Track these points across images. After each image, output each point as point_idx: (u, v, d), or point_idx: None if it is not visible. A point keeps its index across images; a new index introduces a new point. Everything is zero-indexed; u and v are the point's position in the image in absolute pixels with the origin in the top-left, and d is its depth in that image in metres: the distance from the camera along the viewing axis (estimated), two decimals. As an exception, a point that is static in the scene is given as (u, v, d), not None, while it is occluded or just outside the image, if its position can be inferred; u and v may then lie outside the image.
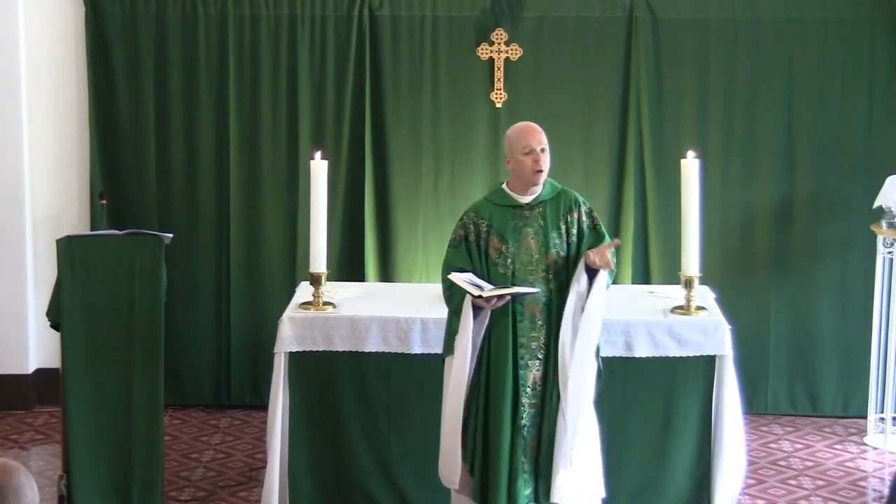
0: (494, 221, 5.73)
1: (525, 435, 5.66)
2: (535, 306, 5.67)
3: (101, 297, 6.27)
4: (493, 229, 5.72)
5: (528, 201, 5.75)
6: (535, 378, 5.68)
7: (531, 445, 5.67)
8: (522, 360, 5.67)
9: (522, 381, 5.66)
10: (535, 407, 5.68)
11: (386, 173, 7.96)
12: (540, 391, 5.67)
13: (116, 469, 6.32)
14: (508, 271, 5.67)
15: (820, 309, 7.94)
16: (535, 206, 5.74)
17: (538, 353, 5.67)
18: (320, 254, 6.48)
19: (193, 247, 8.00)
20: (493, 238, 5.71)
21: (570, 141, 7.81)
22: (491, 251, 5.71)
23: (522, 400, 5.65)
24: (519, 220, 5.73)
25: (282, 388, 6.30)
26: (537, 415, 5.67)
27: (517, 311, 5.66)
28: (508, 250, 5.69)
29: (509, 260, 5.69)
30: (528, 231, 5.71)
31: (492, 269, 5.69)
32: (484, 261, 5.71)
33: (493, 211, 5.75)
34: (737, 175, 7.91)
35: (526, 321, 5.67)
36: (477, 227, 5.74)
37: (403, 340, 6.35)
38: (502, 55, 7.85)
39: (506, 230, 5.71)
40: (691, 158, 6.53)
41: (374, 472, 6.43)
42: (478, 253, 5.71)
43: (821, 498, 6.82)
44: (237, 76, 7.92)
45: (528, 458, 5.67)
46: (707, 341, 6.27)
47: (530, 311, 5.67)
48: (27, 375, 8.01)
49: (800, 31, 7.82)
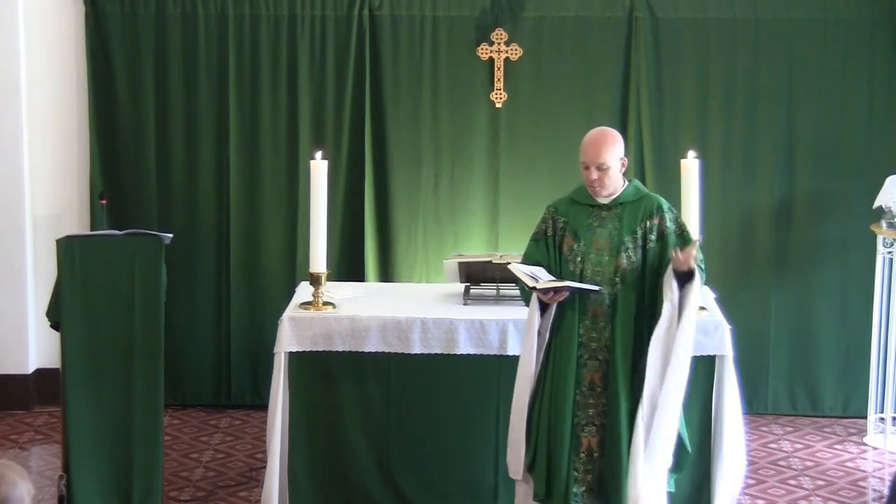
0: (571, 218, 5.73)
1: (578, 434, 5.65)
2: (598, 306, 5.64)
3: (101, 297, 6.27)
4: (569, 226, 5.72)
5: (606, 202, 5.72)
6: (593, 378, 5.65)
7: (585, 446, 5.66)
8: (581, 358, 5.65)
9: (579, 380, 5.65)
10: (592, 407, 5.65)
11: (386, 173, 7.96)
12: (599, 391, 5.65)
13: (116, 469, 6.32)
14: (578, 269, 5.66)
15: (820, 309, 7.94)
16: (612, 207, 5.72)
17: (598, 354, 5.65)
18: (320, 254, 6.48)
19: (193, 247, 8.00)
20: (567, 235, 5.72)
21: (570, 141, 7.79)
22: (564, 248, 5.72)
23: (578, 399, 5.65)
24: (595, 219, 5.72)
25: (282, 388, 6.30)
26: (597, 416, 5.65)
27: (581, 311, 5.65)
28: (580, 248, 5.68)
29: (579, 258, 5.68)
30: (601, 231, 5.69)
31: (563, 265, 5.69)
32: (558, 257, 5.72)
33: (570, 208, 5.76)
34: (737, 175, 7.91)
35: (588, 320, 5.65)
36: (555, 222, 5.76)
37: (403, 340, 6.35)
38: (502, 55, 7.85)
39: (580, 228, 5.70)
40: (691, 158, 6.54)
41: (374, 472, 6.43)
42: (554, 249, 5.73)
43: (821, 498, 6.82)
44: (237, 76, 7.92)
45: (582, 458, 5.65)
46: (707, 341, 6.27)
47: (593, 311, 5.65)
48: (27, 375, 8.01)
49: (800, 31, 7.82)
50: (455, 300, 6.65)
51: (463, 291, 6.70)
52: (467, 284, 6.73)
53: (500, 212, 7.93)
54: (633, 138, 7.84)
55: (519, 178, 7.91)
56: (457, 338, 6.33)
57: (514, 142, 7.92)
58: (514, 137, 7.92)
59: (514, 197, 7.90)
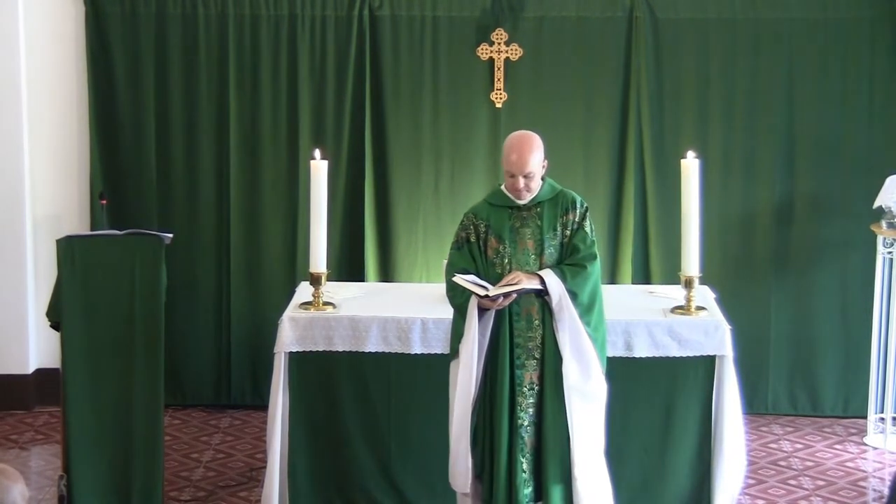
0: (492, 222, 5.74)
1: (523, 435, 5.66)
2: (531, 306, 5.68)
3: (101, 297, 6.27)
4: (491, 229, 5.73)
5: (525, 202, 5.75)
6: (531, 378, 5.69)
7: (529, 445, 5.68)
8: (519, 359, 5.68)
9: (519, 381, 5.67)
10: (533, 406, 5.68)
11: (386, 173, 7.96)
12: (538, 390, 5.68)
13: (116, 469, 6.32)
14: (505, 271, 5.67)
15: (820, 309, 7.94)
16: (532, 206, 5.75)
17: (535, 353, 5.68)
18: (320, 254, 6.48)
19: (193, 247, 8.00)
20: (491, 238, 5.73)
21: (570, 141, 7.82)
22: (489, 251, 5.73)
23: (518, 399, 5.66)
24: (516, 220, 5.74)
25: (282, 388, 6.30)
26: (536, 414, 5.68)
27: (513, 312, 5.67)
28: (505, 250, 5.70)
29: (506, 260, 5.70)
30: (524, 231, 5.73)
31: (490, 269, 5.70)
32: (483, 261, 5.72)
33: (491, 212, 5.76)
34: (737, 175, 7.91)
35: (522, 321, 5.69)
36: (476, 227, 5.75)
37: (403, 340, 6.35)
38: (502, 55, 7.85)
39: (503, 230, 5.72)
40: (691, 158, 6.53)
41: (374, 472, 6.43)
42: (479, 254, 5.73)
43: (821, 498, 6.82)
44: (237, 76, 7.92)
45: (527, 457, 5.67)
46: (707, 341, 6.27)
47: (526, 311, 5.68)
48: (27, 375, 8.00)
49: (800, 31, 7.82)
50: (455, 300, 6.65)
51: (463, 291, 6.70)
52: (467, 284, 6.72)
53: (500, 212, 7.93)
54: (633, 138, 7.84)
55: (519, 178, 7.90)
56: (457, 338, 6.32)
57: (514, 142, 7.91)
58: (514, 138, 7.91)
59: (514, 197, 7.90)
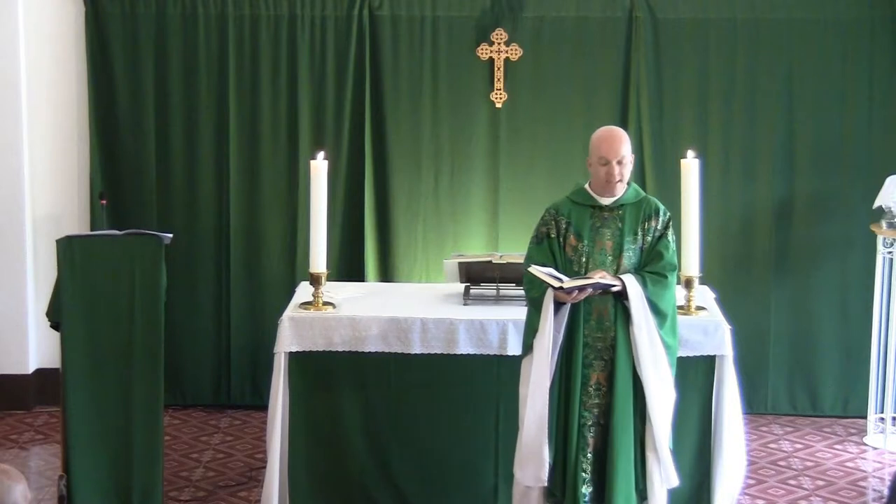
0: (573, 219, 5.76)
1: (586, 434, 5.67)
2: (603, 308, 5.69)
3: (101, 297, 6.28)
4: (572, 226, 5.75)
5: (608, 203, 5.76)
6: (598, 378, 5.69)
7: (592, 446, 5.68)
8: (586, 359, 5.68)
9: (585, 380, 5.67)
10: (598, 407, 5.69)
11: (386, 173, 7.96)
12: (604, 391, 5.68)
13: (116, 469, 6.32)
14: (582, 269, 5.69)
15: (820, 309, 7.94)
16: (615, 208, 5.77)
17: (604, 354, 5.69)
18: (320, 254, 6.48)
19: (193, 247, 8.00)
20: (570, 235, 5.75)
21: (570, 141, 7.82)
22: (567, 248, 5.75)
23: (583, 398, 5.67)
24: (597, 220, 5.76)
25: (282, 388, 6.30)
26: (601, 415, 5.68)
27: (586, 311, 5.68)
28: (583, 248, 5.72)
29: (584, 258, 5.71)
30: (604, 232, 5.74)
31: (567, 266, 5.72)
32: (562, 257, 5.74)
33: (572, 209, 5.78)
34: (737, 175, 7.91)
35: (592, 321, 5.69)
36: (557, 223, 5.77)
37: (403, 340, 6.35)
38: (502, 55, 7.85)
39: (583, 229, 5.74)
40: (691, 158, 6.53)
41: (374, 472, 6.43)
42: (559, 249, 5.75)
43: (821, 498, 6.82)
44: (237, 76, 7.92)
45: (588, 458, 5.67)
46: (707, 341, 6.27)
47: (598, 312, 5.69)
48: (27, 375, 8.01)
49: (800, 31, 7.82)
50: (455, 300, 6.66)
51: (463, 291, 6.70)
52: (467, 284, 6.73)
53: (500, 212, 7.94)
54: (634, 138, 7.81)
55: (519, 178, 7.92)
56: (457, 338, 6.33)
57: (514, 142, 7.92)
58: (514, 137, 7.92)
59: (513, 197, 7.91)
